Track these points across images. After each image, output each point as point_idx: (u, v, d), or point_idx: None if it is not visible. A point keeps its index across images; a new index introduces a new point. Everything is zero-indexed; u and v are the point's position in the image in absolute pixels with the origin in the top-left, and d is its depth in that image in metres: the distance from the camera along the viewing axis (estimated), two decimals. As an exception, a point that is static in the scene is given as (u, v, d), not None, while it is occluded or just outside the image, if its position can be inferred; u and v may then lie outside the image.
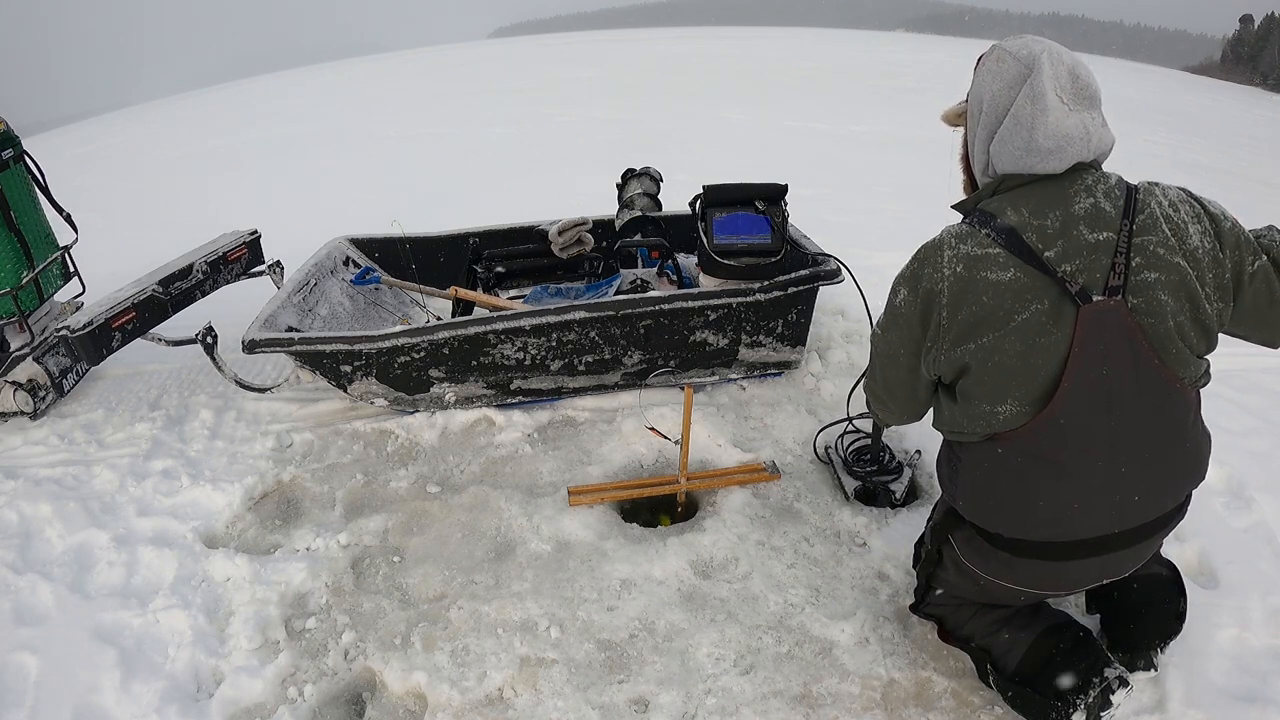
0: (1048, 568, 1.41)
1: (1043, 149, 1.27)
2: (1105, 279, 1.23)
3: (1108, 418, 1.26)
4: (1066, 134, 1.26)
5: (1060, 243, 1.25)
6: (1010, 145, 1.30)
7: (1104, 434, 1.27)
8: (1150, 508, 1.33)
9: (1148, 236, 1.24)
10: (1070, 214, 1.26)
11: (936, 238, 1.36)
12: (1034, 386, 1.27)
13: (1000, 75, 1.33)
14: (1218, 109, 13.50)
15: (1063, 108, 1.26)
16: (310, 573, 2.03)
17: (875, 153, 7.47)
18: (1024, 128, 1.28)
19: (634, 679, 1.72)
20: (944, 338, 1.34)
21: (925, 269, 1.35)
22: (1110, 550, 1.36)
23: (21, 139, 2.83)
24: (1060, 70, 1.27)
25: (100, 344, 2.48)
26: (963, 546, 1.54)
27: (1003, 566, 1.46)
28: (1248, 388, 2.74)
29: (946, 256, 1.32)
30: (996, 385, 1.30)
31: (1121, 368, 1.24)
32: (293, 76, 21.58)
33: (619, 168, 3.61)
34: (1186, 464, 1.35)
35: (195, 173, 8.39)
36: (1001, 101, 1.32)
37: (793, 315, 2.63)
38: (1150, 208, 1.27)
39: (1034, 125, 1.26)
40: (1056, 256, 1.25)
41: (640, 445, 2.49)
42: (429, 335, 2.43)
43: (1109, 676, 1.42)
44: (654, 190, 3.44)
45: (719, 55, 18.72)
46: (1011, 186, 1.33)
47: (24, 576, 2.10)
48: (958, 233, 1.34)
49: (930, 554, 1.67)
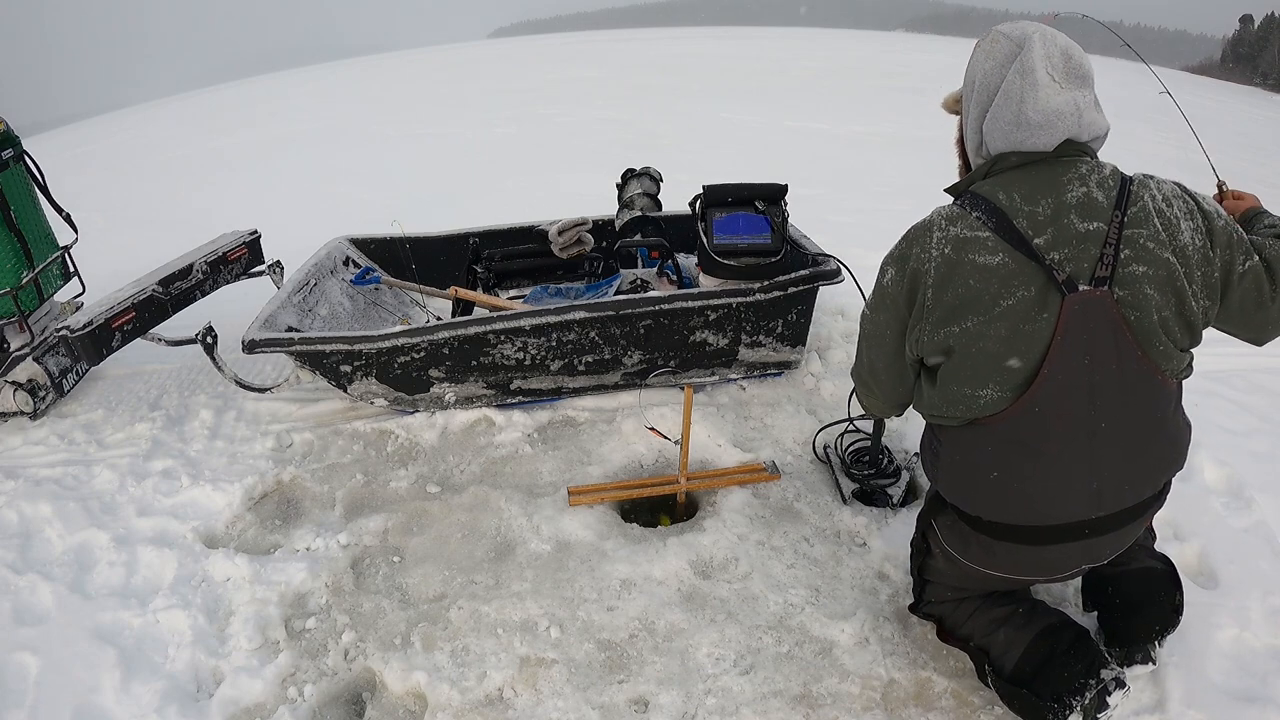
0: (1026, 552, 1.42)
1: (1032, 122, 1.27)
2: (1093, 269, 1.23)
3: (1089, 406, 1.27)
4: (1056, 109, 1.26)
5: (1050, 230, 1.25)
6: (1000, 121, 1.31)
7: (1084, 422, 1.28)
8: (1128, 495, 1.35)
9: (1138, 230, 1.24)
10: (1062, 202, 1.26)
11: (926, 219, 1.36)
12: (1016, 373, 1.28)
13: (992, 54, 1.33)
14: (1218, 109, 13.48)
15: (1053, 84, 1.26)
16: (310, 573, 2.03)
17: (875, 153, 7.47)
18: (1013, 101, 1.28)
19: (634, 679, 1.72)
20: (927, 318, 1.34)
21: (914, 249, 1.35)
22: (1089, 535, 1.37)
23: (21, 139, 2.84)
24: (1052, 49, 1.28)
25: (100, 344, 2.48)
26: (945, 531, 1.55)
27: (983, 551, 1.48)
28: (1249, 388, 2.74)
29: (935, 238, 1.32)
30: (978, 370, 1.30)
31: (1104, 358, 1.25)
32: (292, 76, 21.59)
33: (619, 168, 3.61)
34: (1166, 453, 1.37)
35: (195, 173, 8.39)
36: (993, 79, 1.32)
37: (793, 315, 2.63)
38: (1143, 200, 1.26)
39: (1023, 99, 1.27)
40: (1045, 244, 1.25)
41: (640, 445, 2.49)
42: (429, 335, 2.43)
43: (1105, 678, 1.42)
44: (654, 190, 3.44)
45: (719, 55, 18.71)
46: (1004, 169, 1.32)
47: (24, 576, 2.10)
48: (948, 214, 1.33)
49: (918, 543, 1.69)
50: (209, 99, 17.92)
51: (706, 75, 14.61)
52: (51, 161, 3.64)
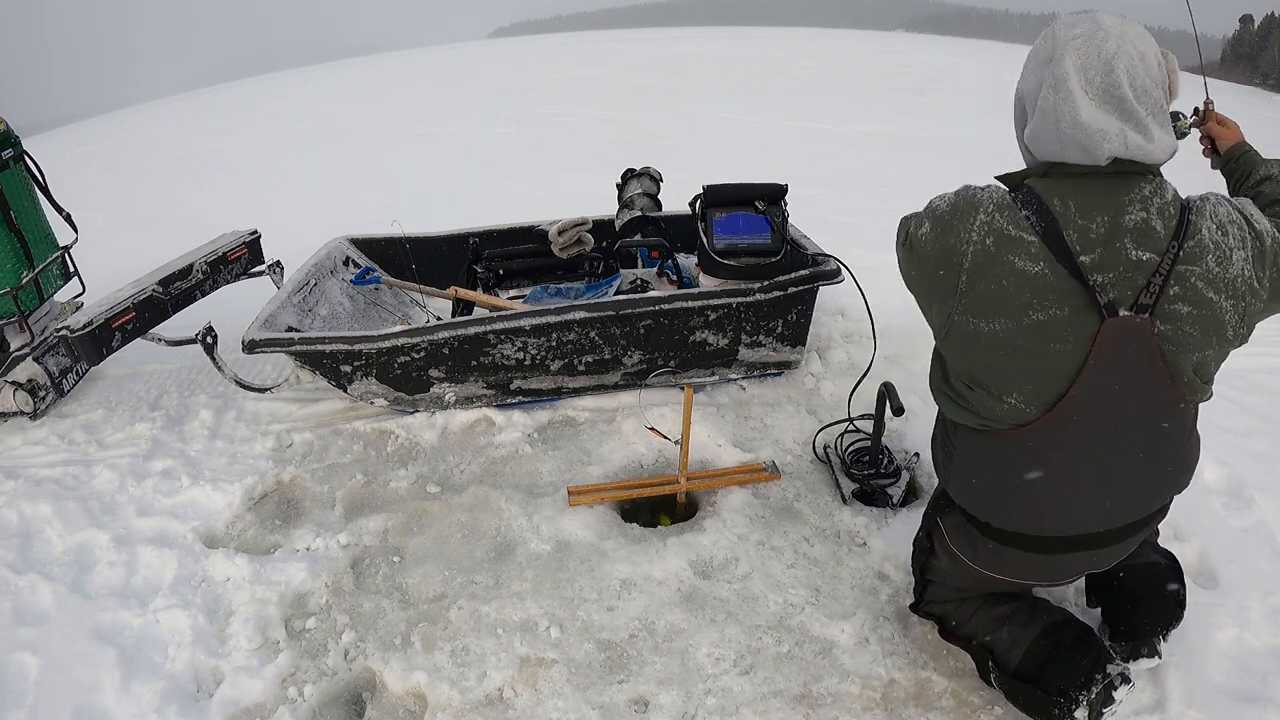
0: (1035, 559, 1.43)
1: (1073, 140, 1.20)
2: (1136, 296, 1.19)
3: (1112, 428, 1.26)
4: (1099, 129, 1.17)
5: (1100, 250, 1.19)
6: (1041, 138, 1.25)
7: (1104, 442, 1.27)
8: (1136, 510, 1.37)
9: (1191, 266, 1.19)
10: (1119, 223, 1.19)
11: (979, 194, 1.27)
12: (1041, 388, 1.26)
13: (1035, 55, 1.28)
14: (1218, 109, 13.47)
15: (1088, 101, 1.18)
16: (310, 573, 2.03)
17: (875, 153, 7.46)
18: (1049, 119, 1.22)
19: (634, 679, 1.72)
20: (960, 299, 1.28)
21: (955, 222, 1.27)
22: (1096, 547, 1.40)
23: (21, 139, 2.84)
24: (1091, 59, 1.18)
25: (100, 344, 2.48)
26: (952, 533, 1.55)
27: (990, 555, 1.48)
28: (1249, 388, 2.74)
29: (979, 221, 1.24)
30: (1003, 378, 1.28)
31: (1134, 384, 1.23)
32: (292, 76, 21.59)
33: (619, 168, 3.61)
34: (1177, 474, 1.37)
35: (195, 172, 8.39)
36: (1030, 88, 1.28)
37: (793, 315, 2.63)
38: (1200, 234, 1.20)
39: (1058, 116, 1.20)
40: (1092, 263, 1.19)
41: (640, 445, 2.49)
42: (429, 335, 2.43)
43: (1112, 673, 1.42)
44: (654, 190, 3.44)
45: (719, 55, 18.71)
46: (1062, 175, 1.25)
47: (24, 576, 2.10)
48: (999, 201, 1.25)
49: (922, 542, 1.68)
50: (209, 99, 17.92)
51: (706, 75, 14.61)
52: (51, 161, 3.64)
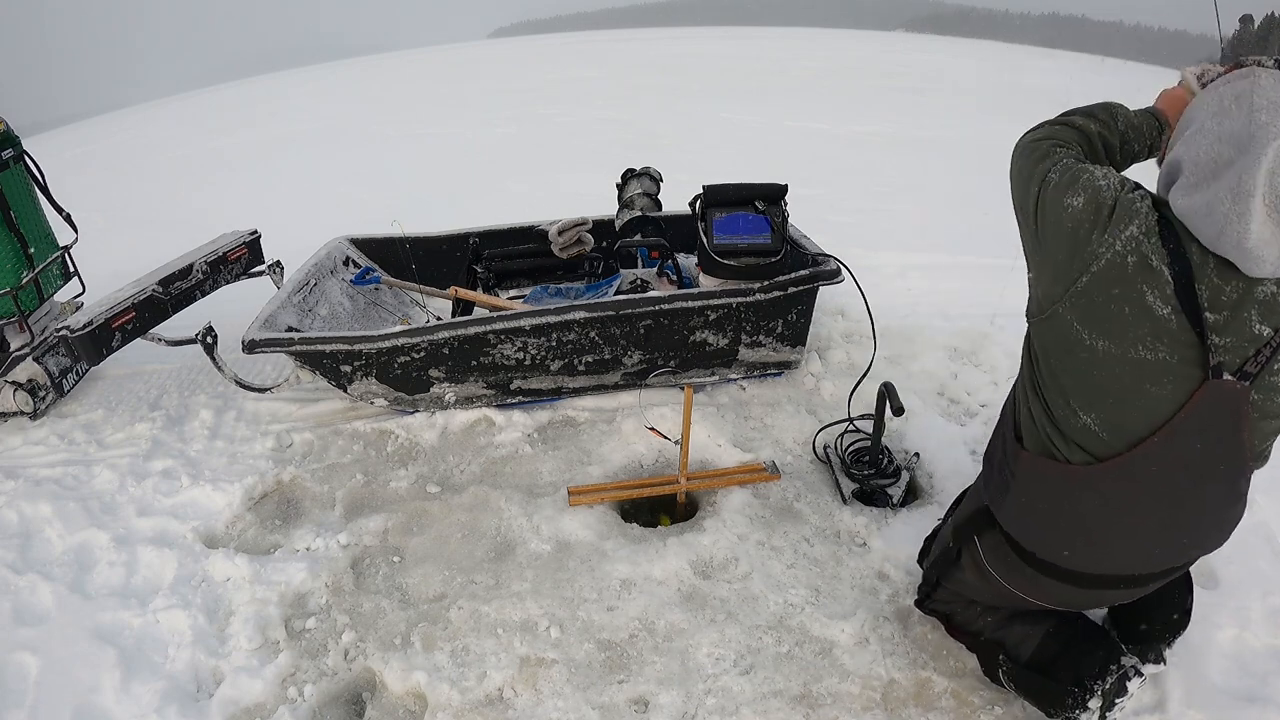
0: (1070, 590, 1.43)
1: (1225, 248, 1.12)
2: (1243, 363, 1.18)
3: (1186, 481, 1.26)
4: (1261, 255, 1.09)
5: (1226, 314, 1.16)
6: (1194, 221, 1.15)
7: (1171, 494, 1.27)
8: (1178, 559, 1.37)
9: None
10: (1250, 294, 1.15)
11: (1139, 204, 1.19)
12: (1122, 421, 1.25)
13: (1218, 117, 1.13)
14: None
15: (1265, 223, 1.07)
16: (310, 573, 2.03)
17: (875, 153, 7.46)
18: (1216, 221, 1.10)
19: (634, 679, 1.72)
20: (1073, 298, 1.23)
21: (1113, 216, 1.19)
22: (1132, 586, 1.40)
23: (21, 139, 2.84)
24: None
25: (100, 344, 2.48)
26: (989, 553, 1.52)
27: (1027, 581, 1.47)
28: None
29: (1131, 233, 1.17)
30: (1087, 395, 1.27)
31: (1217, 444, 1.23)
32: (292, 76, 21.61)
33: (619, 168, 3.61)
34: (1228, 527, 1.36)
35: (195, 172, 8.39)
36: (1201, 154, 1.14)
37: (793, 315, 2.63)
38: None
39: (1224, 228, 1.09)
40: (1215, 324, 1.16)
41: (640, 445, 2.49)
42: (429, 335, 2.43)
43: (1125, 664, 1.43)
44: (654, 190, 3.44)
45: (719, 55, 18.72)
46: None
47: (24, 576, 2.10)
48: (1149, 225, 1.17)
49: (949, 552, 1.65)
50: (209, 99, 17.93)
51: (706, 75, 14.62)
52: (51, 161, 3.64)
